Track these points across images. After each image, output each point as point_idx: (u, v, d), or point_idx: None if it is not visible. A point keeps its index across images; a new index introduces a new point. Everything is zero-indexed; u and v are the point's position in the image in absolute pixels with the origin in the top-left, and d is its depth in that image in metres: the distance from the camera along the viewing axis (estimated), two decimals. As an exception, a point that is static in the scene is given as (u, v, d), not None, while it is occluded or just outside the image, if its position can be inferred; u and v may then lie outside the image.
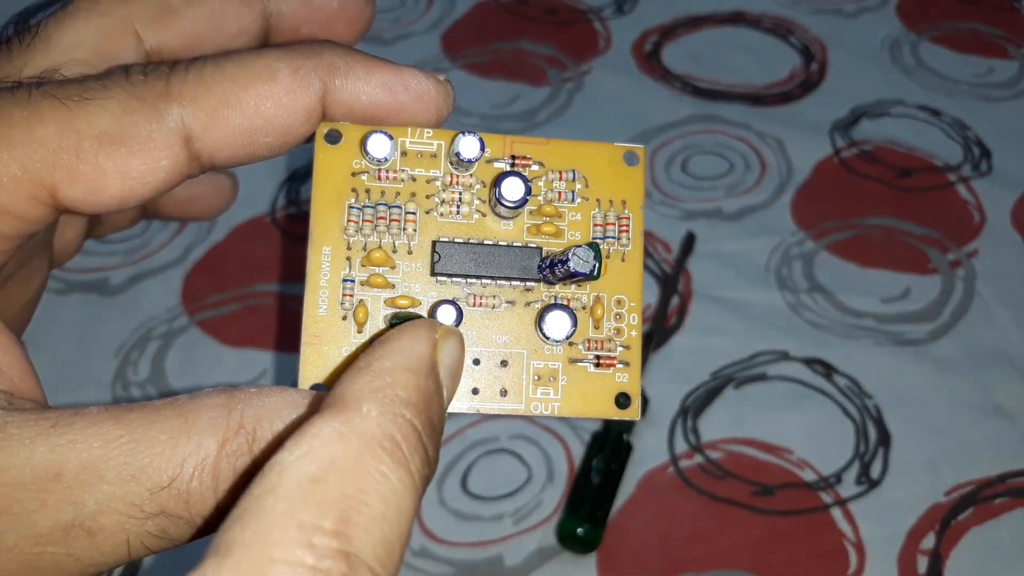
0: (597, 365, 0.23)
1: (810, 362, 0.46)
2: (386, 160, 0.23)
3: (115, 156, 0.20)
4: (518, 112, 0.58)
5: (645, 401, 0.44)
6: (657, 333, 0.47)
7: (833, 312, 0.48)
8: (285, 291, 0.49)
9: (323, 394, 0.20)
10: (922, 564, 0.39)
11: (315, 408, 0.20)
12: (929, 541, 0.40)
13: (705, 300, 0.48)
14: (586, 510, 0.40)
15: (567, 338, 0.23)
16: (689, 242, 0.51)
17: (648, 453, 0.43)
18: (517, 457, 0.43)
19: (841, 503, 0.41)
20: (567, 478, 0.42)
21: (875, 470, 0.42)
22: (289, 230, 0.51)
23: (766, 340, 0.47)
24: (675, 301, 0.48)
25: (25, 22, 0.63)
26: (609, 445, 0.42)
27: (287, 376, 0.45)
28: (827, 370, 0.46)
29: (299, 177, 0.54)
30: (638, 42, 0.63)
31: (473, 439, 0.43)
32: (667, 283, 0.49)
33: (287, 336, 0.47)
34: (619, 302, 0.24)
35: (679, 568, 0.39)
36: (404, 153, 0.23)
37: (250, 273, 0.49)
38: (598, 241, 0.23)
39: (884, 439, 0.43)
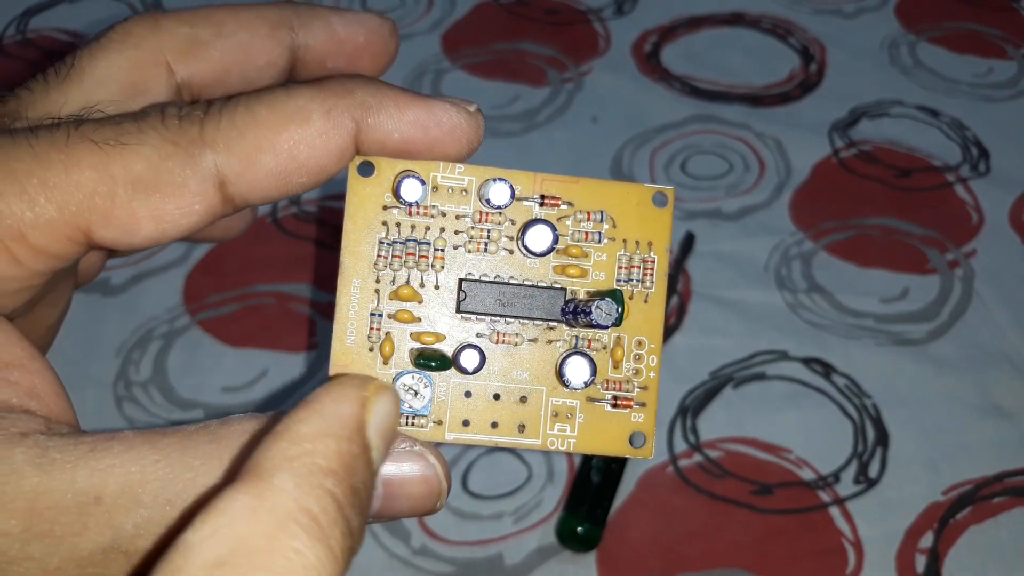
0: (614, 405, 0.24)
1: (809, 362, 0.46)
2: (418, 203, 0.23)
3: (149, 201, 0.20)
4: (518, 112, 0.58)
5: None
6: (656, 333, 0.47)
7: (832, 312, 0.48)
8: (286, 291, 0.49)
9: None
10: (920, 563, 0.40)
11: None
12: (927, 540, 0.40)
13: (704, 300, 0.49)
14: (586, 509, 0.40)
15: (586, 385, 0.23)
16: (688, 242, 0.51)
17: (647, 452, 0.43)
18: (517, 456, 0.43)
19: (839, 502, 0.41)
20: (567, 477, 0.42)
21: (873, 469, 0.42)
22: (290, 230, 0.52)
23: (765, 340, 0.47)
24: (674, 301, 0.49)
25: (26, 23, 0.63)
26: (609, 444, 0.42)
27: (287, 375, 0.46)
28: (826, 370, 0.46)
29: (300, 177, 0.54)
30: (638, 43, 0.63)
31: (473, 438, 0.43)
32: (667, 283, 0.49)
33: (288, 336, 0.47)
34: (639, 343, 0.24)
35: (678, 567, 0.40)
36: (435, 187, 0.23)
37: (251, 273, 0.49)
38: (621, 285, 0.24)
39: (882, 438, 0.44)
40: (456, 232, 0.24)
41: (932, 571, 0.39)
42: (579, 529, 0.39)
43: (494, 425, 0.24)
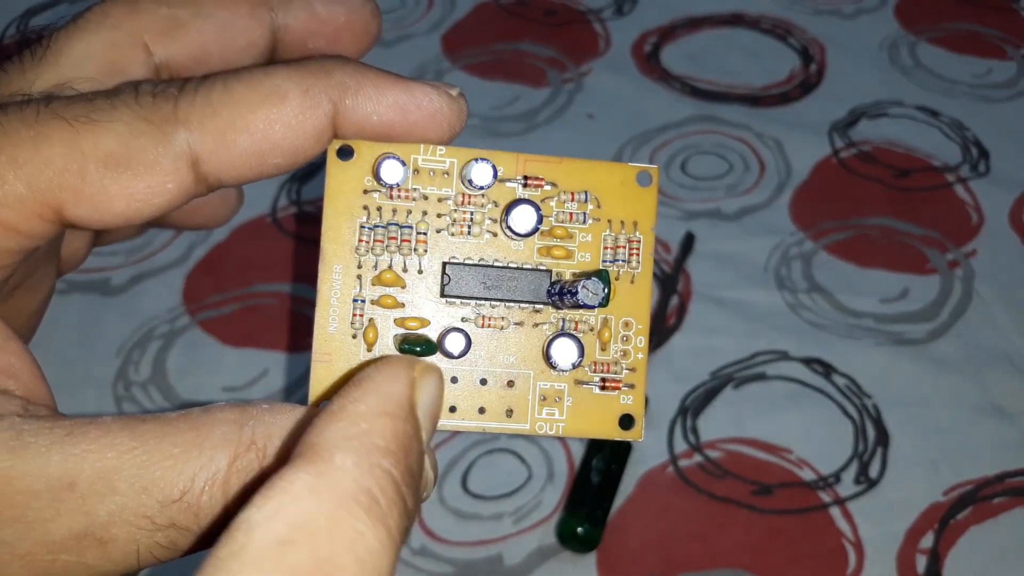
0: (603, 388, 0.24)
1: (809, 362, 0.46)
2: (398, 185, 0.23)
3: (120, 179, 0.20)
4: (518, 113, 0.58)
5: (645, 403, 0.44)
6: (657, 333, 0.47)
7: (832, 312, 0.48)
8: (286, 291, 0.49)
9: (313, 411, 0.19)
10: (921, 563, 0.40)
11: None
12: (928, 540, 0.40)
13: (704, 300, 0.49)
14: (586, 509, 0.40)
15: (573, 367, 0.23)
16: (688, 242, 0.51)
17: (647, 453, 0.43)
18: (517, 456, 0.43)
19: (840, 502, 0.41)
20: (567, 477, 0.42)
21: (874, 469, 0.42)
22: (290, 230, 0.52)
23: (765, 340, 0.47)
24: (674, 301, 0.49)
25: (27, 23, 0.63)
26: (609, 445, 0.42)
27: (287, 376, 0.46)
28: (826, 370, 0.46)
29: (300, 177, 0.54)
30: (637, 43, 0.63)
31: (473, 438, 0.43)
32: (667, 283, 0.49)
33: (288, 336, 0.47)
34: (626, 324, 0.24)
35: (678, 567, 0.40)
36: (416, 170, 0.23)
37: (251, 273, 0.49)
38: (607, 265, 0.24)
39: (883, 439, 0.43)
40: (439, 215, 0.23)
41: (933, 571, 0.39)
42: (579, 530, 0.39)
43: (481, 411, 0.23)
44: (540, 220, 0.23)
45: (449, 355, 0.23)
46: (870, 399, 0.45)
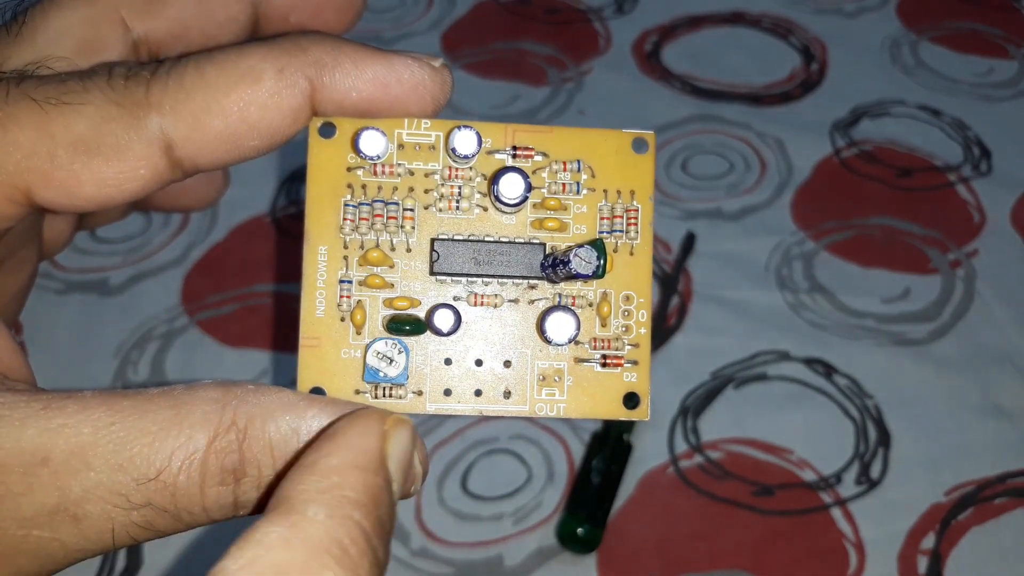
0: (604, 365, 0.22)
1: (810, 362, 0.46)
2: (380, 157, 0.22)
3: (90, 164, 0.20)
4: (518, 112, 0.58)
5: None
6: (657, 333, 0.47)
7: (833, 312, 0.48)
8: (285, 291, 0.49)
9: (320, 399, 0.19)
10: (922, 564, 0.39)
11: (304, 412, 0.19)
12: (929, 541, 0.40)
13: (705, 300, 0.48)
14: (586, 510, 0.40)
15: (570, 341, 0.22)
16: (689, 242, 0.51)
17: (648, 453, 0.43)
18: (517, 457, 0.43)
19: (841, 503, 0.41)
20: (567, 478, 0.42)
21: (875, 470, 0.42)
22: (290, 230, 0.51)
23: (766, 340, 0.47)
24: (675, 301, 0.48)
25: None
26: (609, 445, 0.42)
27: (286, 376, 0.45)
28: (827, 370, 0.46)
29: (300, 176, 0.54)
30: (638, 42, 0.63)
31: (473, 439, 0.43)
32: (667, 283, 0.49)
33: (286, 336, 0.47)
34: (627, 298, 0.23)
35: (679, 568, 0.39)
36: (401, 145, 0.22)
37: (250, 273, 0.49)
38: (604, 236, 0.23)
39: (884, 439, 0.43)
40: (426, 191, 0.22)
41: (934, 572, 0.39)
42: (579, 530, 0.39)
43: (478, 393, 0.22)
44: (529, 188, 0.22)
45: (439, 332, 0.22)
46: (871, 399, 0.45)
